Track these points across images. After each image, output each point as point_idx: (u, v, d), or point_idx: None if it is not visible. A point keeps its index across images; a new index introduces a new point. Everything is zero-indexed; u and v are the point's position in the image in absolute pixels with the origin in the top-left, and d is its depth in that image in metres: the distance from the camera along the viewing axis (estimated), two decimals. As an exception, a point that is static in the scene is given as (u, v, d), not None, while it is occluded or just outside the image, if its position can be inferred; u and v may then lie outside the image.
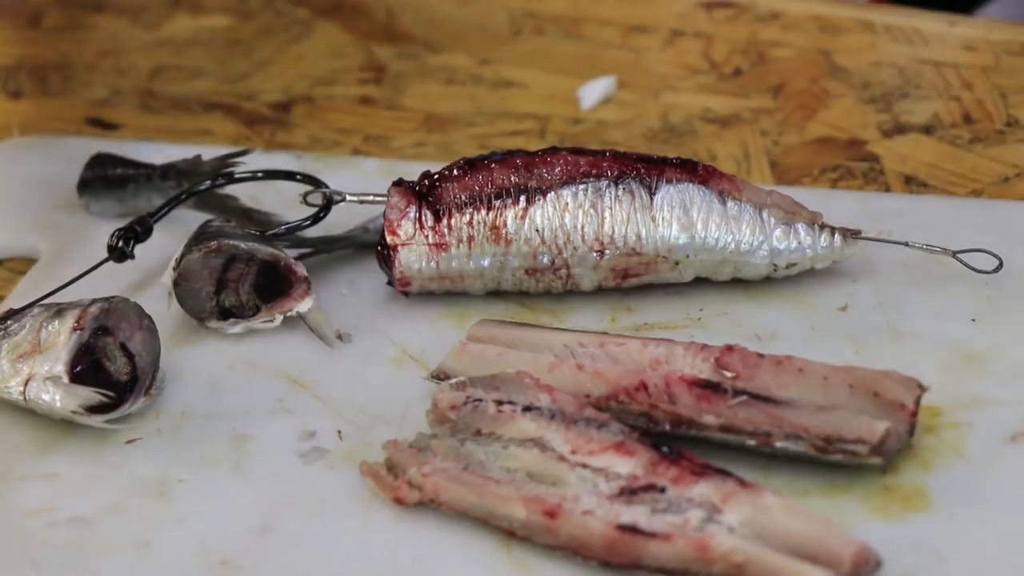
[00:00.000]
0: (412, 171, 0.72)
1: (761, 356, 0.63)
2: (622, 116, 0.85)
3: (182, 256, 0.68)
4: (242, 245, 0.68)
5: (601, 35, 0.91)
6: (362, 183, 0.74)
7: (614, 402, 0.63)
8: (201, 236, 0.69)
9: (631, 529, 0.58)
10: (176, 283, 0.68)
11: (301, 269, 0.68)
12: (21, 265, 0.75)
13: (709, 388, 0.62)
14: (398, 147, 0.83)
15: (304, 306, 0.68)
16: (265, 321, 0.68)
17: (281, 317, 0.68)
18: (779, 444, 0.60)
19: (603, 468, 0.60)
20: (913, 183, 0.78)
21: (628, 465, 0.60)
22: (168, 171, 0.75)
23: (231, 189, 0.74)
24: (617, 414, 0.62)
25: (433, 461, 0.61)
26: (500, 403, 0.62)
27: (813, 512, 0.57)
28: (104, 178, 0.76)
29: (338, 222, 0.73)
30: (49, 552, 0.61)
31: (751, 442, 0.61)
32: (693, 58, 0.88)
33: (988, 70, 0.85)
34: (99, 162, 0.76)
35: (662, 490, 0.59)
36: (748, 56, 0.88)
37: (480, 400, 0.62)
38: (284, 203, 0.75)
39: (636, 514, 0.59)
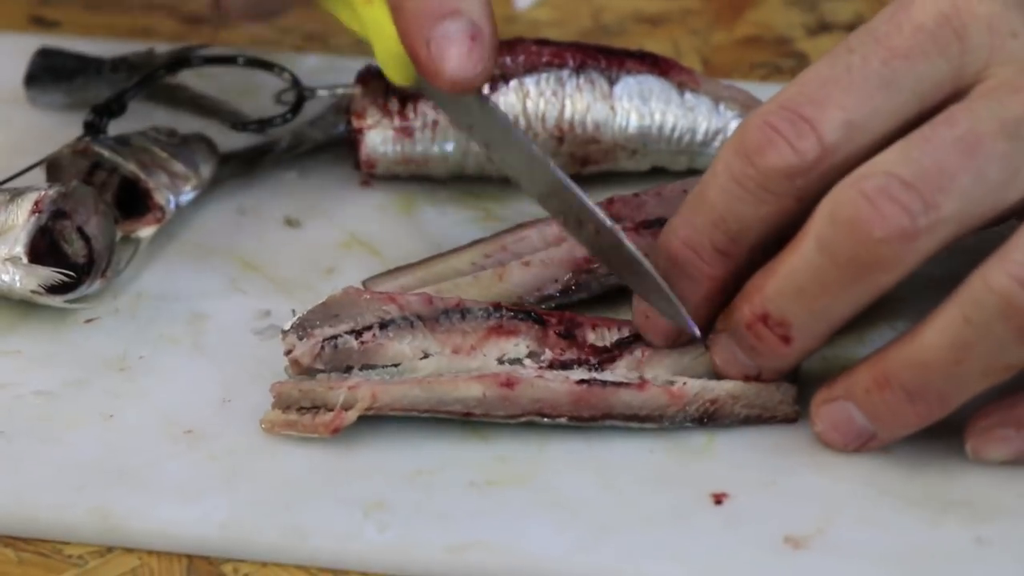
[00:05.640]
0: (354, 66, 0.75)
1: (637, 194, 0.69)
2: (555, 16, 0.88)
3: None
4: (106, 154, 0.71)
5: (532, -61, 0.94)
6: (306, 79, 0.77)
7: (585, 273, 0.67)
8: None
9: (595, 382, 0.62)
10: (48, 175, 0.71)
11: (161, 198, 0.70)
12: (-30, 157, 0.78)
13: (657, 224, 0.66)
14: (337, 45, 0.86)
15: (146, 233, 0.70)
16: (123, 235, 0.70)
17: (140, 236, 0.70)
18: None
19: (499, 356, 0.63)
20: (838, 79, 0.83)
21: (519, 347, 0.63)
22: (119, 64, 0.78)
23: (182, 80, 0.77)
24: (598, 280, 0.67)
25: (351, 378, 0.62)
26: (358, 333, 0.63)
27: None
28: (52, 71, 0.78)
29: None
30: (17, 423, 0.64)
31: None
32: (623, -40, 0.92)
33: (908, -29, 0.90)
34: (46, 56, 0.79)
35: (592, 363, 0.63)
36: (676, -41, 0.92)
37: (336, 337, 0.63)
38: (225, 95, 0.78)
39: (582, 373, 0.63)
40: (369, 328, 0.63)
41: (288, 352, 0.63)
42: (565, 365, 0.63)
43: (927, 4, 0.59)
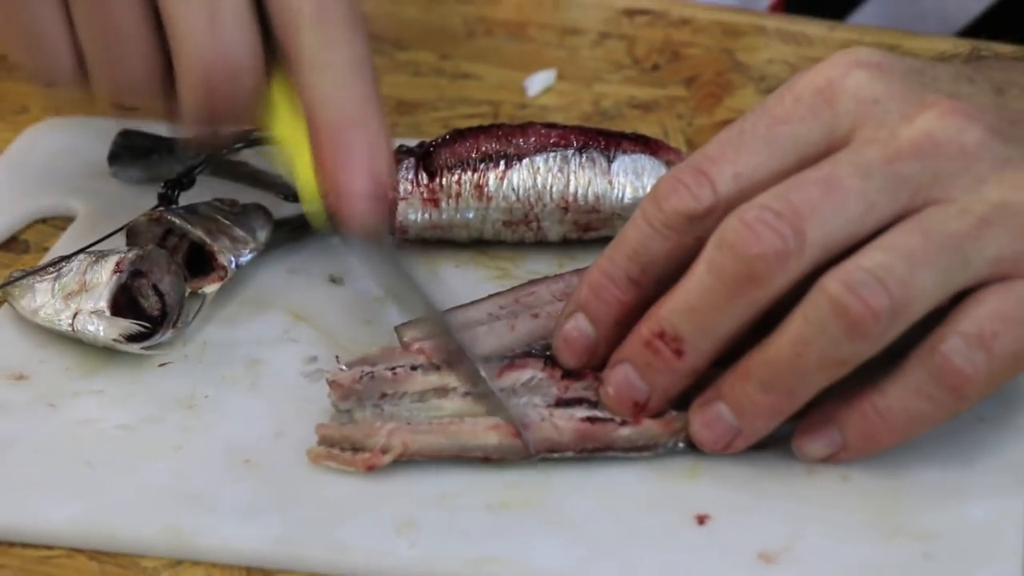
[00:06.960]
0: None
1: None
2: (561, 102, 0.91)
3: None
4: (177, 221, 0.73)
5: (542, 36, 0.97)
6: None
7: None
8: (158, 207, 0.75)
9: (597, 420, 0.64)
10: (128, 240, 0.74)
11: (224, 259, 0.72)
12: (61, 223, 0.80)
13: None
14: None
15: (211, 289, 0.72)
16: (191, 291, 0.73)
17: (205, 292, 0.72)
18: None
19: (511, 386, 0.65)
20: (805, 158, 0.85)
21: (526, 374, 0.65)
22: (189, 143, 0.80)
23: (243, 158, 0.79)
24: None
25: (386, 424, 0.64)
26: (392, 368, 0.65)
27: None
28: (131, 149, 0.80)
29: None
30: (100, 453, 0.66)
31: None
32: (619, 55, 0.95)
33: (865, 65, 0.92)
34: (126, 136, 0.81)
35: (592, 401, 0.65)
36: (664, 54, 0.95)
37: (373, 368, 0.66)
38: (279, 171, 0.80)
39: (584, 411, 0.64)
40: (401, 366, 0.65)
41: (332, 381, 0.65)
42: (569, 403, 0.65)
43: (805, 80, 0.63)
